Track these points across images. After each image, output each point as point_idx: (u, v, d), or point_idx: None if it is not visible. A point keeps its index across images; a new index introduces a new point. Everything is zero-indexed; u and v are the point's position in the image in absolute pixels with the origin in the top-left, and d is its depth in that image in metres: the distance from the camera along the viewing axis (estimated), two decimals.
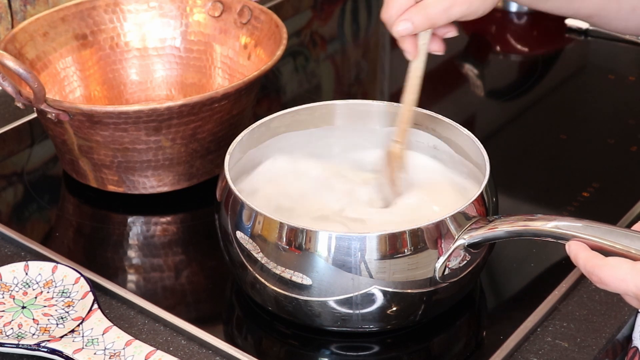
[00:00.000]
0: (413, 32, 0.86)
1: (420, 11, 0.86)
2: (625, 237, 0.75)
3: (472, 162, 0.92)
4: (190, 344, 0.87)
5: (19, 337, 0.85)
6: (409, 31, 0.86)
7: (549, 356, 0.85)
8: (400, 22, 0.86)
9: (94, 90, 1.16)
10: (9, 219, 1.03)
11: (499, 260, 0.96)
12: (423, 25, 0.86)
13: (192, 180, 1.06)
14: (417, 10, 0.86)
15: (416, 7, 0.86)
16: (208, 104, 0.99)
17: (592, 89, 1.29)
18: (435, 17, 0.86)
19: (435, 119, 0.94)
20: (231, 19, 1.16)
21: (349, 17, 1.50)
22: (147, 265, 0.98)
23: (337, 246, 0.80)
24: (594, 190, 1.06)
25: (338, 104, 0.97)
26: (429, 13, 0.86)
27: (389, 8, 0.87)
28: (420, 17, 0.86)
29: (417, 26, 0.86)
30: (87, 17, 1.16)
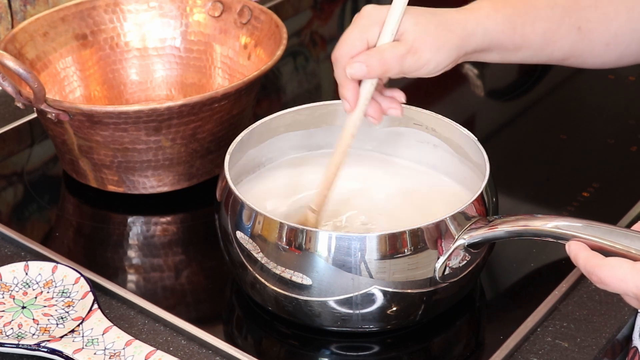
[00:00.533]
0: (366, 76, 0.83)
1: (375, 54, 0.83)
2: (625, 237, 0.75)
3: (472, 162, 0.92)
4: (190, 344, 0.87)
5: (19, 337, 0.85)
6: (362, 74, 0.83)
7: (549, 356, 0.85)
8: (355, 64, 0.83)
9: (94, 90, 1.16)
10: (9, 219, 1.03)
11: (499, 260, 0.96)
12: (377, 70, 0.83)
13: (192, 180, 1.06)
14: (372, 54, 0.83)
15: (371, 50, 0.83)
16: (208, 104, 0.99)
17: (592, 89, 1.29)
18: (390, 64, 0.83)
19: (435, 119, 0.94)
20: (231, 19, 1.16)
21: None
22: (147, 265, 0.98)
23: (337, 246, 0.80)
24: (594, 190, 1.06)
25: (338, 104, 0.97)
26: (385, 58, 0.83)
27: (341, 47, 0.84)
28: (376, 60, 0.83)
29: (371, 70, 0.83)
30: (87, 17, 1.16)
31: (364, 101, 0.85)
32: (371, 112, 0.86)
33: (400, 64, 0.84)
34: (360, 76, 0.84)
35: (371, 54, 0.83)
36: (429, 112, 0.95)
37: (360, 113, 0.85)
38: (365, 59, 0.83)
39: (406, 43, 0.83)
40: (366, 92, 0.85)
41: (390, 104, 0.87)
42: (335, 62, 0.85)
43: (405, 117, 0.96)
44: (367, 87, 0.84)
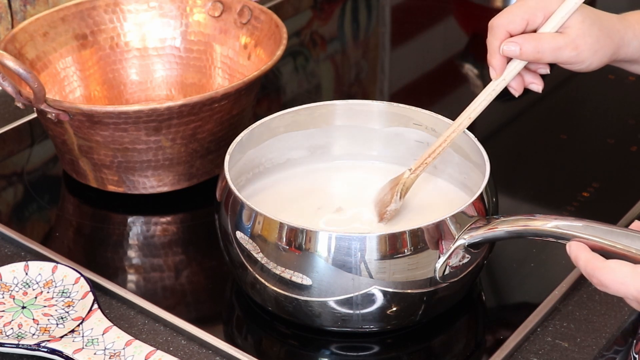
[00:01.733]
0: (518, 57, 0.86)
1: (532, 41, 0.85)
2: (625, 237, 0.75)
3: (472, 162, 0.92)
4: (190, 344, 0.87)
5: (19, 337, 0.85)
6: (514, 54, 0.86)
7: (549, 356, 0.85)
8: (510, 43, 0.85)
9: (94, 90, 1.16)
10: (9, 219, 1.03)
11: (499, 260, 0.96)
12: (530, 56, 0.85)
13: (192, 180, 1.06)
14: (530, 39, 0.85)
15: (530, 35, 0.85)
16: (208, 104, 0.99)
17: (592, 89, 1.29)
18: (545, 52, 0.85)
19: (435, 119, 0.94)
20: (231, 19, 1.16)
21: (349, 17, 1.50)
22: (147, 265, 0.98)
23: (337, 246, 0.80)
24: (594, 190, 1.06)
25: (338, 104, 0.97)
26: (541, 46, 0.85)
27: (501, 18, 0.86)
28: (532, 46, 0.85)
29: (524, 54, 0.85)
30: (87, 17, 1.16)
31: (509, 75, 0.87)
32: (513, 84, 0.88)
33: (555, 55, 0.86)
34: (512, 56, 0.86)
35: (529, 39, 0.85)
36: (429, 112, 0.95)
37: (503, 84, 0.88)
38: (522, 41, 0.85)
39: (568, 37, 0.86)
40: (513, 68, 0.87)
41: (533, 79, 0.89)
42: (491, 29, 0.87)
43: (405, 117, 0.96)
44: (515, 64, 0.87)
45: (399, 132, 0.97)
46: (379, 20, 1.51)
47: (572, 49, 0.86)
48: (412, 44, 1.45)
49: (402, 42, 1.46)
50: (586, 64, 0.88)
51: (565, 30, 0.86)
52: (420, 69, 1.37)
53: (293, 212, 0.93)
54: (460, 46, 1.39)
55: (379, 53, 1.43)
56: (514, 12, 0.86)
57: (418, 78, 1.35)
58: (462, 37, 1.43)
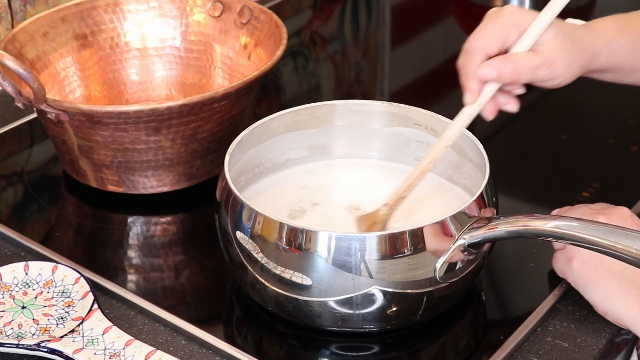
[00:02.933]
0: (496, 80, 0.84)
1: (509, 63, 0.83)
2: (625, 237, 0.75)
3: (472, 162, 0.92)
4: (190, 344, 0.87)
5: (19, 337, 0.85)
6: (491, 78, 0.83)
7: (549, 356, 0.85)
8: (487, 67, 0.83)
9: (94, 90, 1.17)
10: (9, 219, 1.03)
11: (499, 260, 0.96)
12: (508, 78, 0.83)
13: (192, 180, 1.06)
14: (507, 61, 0.83)
15: (506, 58, 0.83)
16: (208, 104, 0.99)
17: (592, 89, 1.29)
18: (523, 73, 0.83)
19: (435, 119, 0.94)
20: (231, 19, 1.16)
21: (349, 17, 1.50)
22: (147, 265, 0.98)
23: (337, 246, 0.80)
24: (594, 190, 1.06)
25: (338, 104, 0.97)
26: (518, 67, 0.83)
27: (476, 40, 0.84)
28: (509, 69, 0.83)
29: (502, 76, 0.83)
30: (87, 17, 1.16)
31: (485, 99, 0.85)
32: (488, 107, 0.86)
33: (533, 75, 0.84)
34: (490, 80, 0.84)
35: (506, 62, 0.83)
36: (429, 112, 0.95)
37: (478, 108, 0.85)
38: (499, 64, 0.83)
39: (542, 55, 0.84)
40: (489, 91, 0.85)
41: (507, 99, 0.87)
42: (467, 52, 0.85)
43: (405, 117, 0.96)
44: (491, 87, 0.85)
45: (399, 132, 0.97)
46: (379, 20, 1.51)
47: (547, 67, 0.84)
48: (412, 44, 1.45)
49: (402, 42, 1.46)
50: (560, 79, 0.86)
51: (539, 48, 0.84)
52: (420, 69, 1.37)
53: (293, 211, 0.93)
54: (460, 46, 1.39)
55: (379, 53, 1.43)
56: (489, 33, 0.84)
57: (418, 78, 1.35)
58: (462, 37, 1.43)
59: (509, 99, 0.87)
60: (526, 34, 0.84)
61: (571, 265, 0.86)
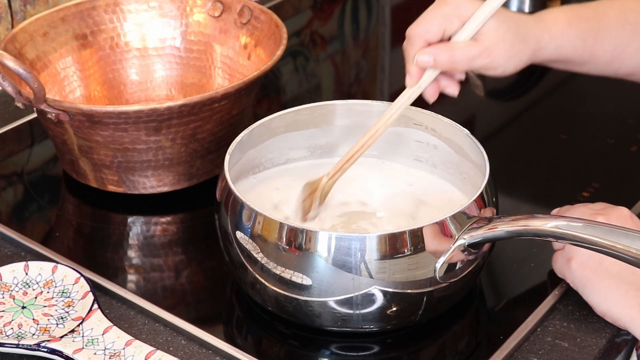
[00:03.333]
0: (432, 67, 0.86)
1: (446, 51, 0.85)
2: (625, 237, 0.75)
3: (472, 162, 0.92)
4: (190, 344, 0.87)
5: (19, 337, 0.85)
6: (428, 65, 0.85)
7: (549, 356, 0.85)
8: (424, 54, 0.85)
9: (94, 90, 1.17)
10: (9, 219, 1.03)
11: (499, 260, 0.96)
12: (444, 66, 0.85)
13: (192, 180, 1.06)
14: (444, 49, 0.85)
15: (444, 45, 0.85)
16: (208, 104, 0.99)
17: (592, 89, 1.29)
18: (459, 62, 0.85)
19: (435, 119, 0.94)
20: (231, 19, 1.16)
21: (349, 17, 1.50)
22: (147, 265, 0.98)
23: (337, 246, 0.80)
24: (594, 190, 1.06)
25: (338, 104, 0.97)
26: (455, 56, 0.85)
27: (418, 27, 0.86)
28: (445, 57, 0.85)
29: (438, 64, 0.85)
30: (87, 17, 1.16)
31: (425, 83, 0.87)
32: (429, 91, 0.88)
33: (470, 64, 0.86)
34: (427, 67, 0.86)
35: (442, 49, 0.85)
36: (429, 112, 0.95)
37: (418, 91, 0.87)
38: (435, 52, 0.85)
39: (482, 45, 0.85)
40: (428, 76, 0.87)
41: (448, 82, 0.89)
42: (408, 38, 0.87)
43: (405, 117, 0.96)
44: (431, 72, 0.87)
45: (399, 132, 0.97)
46: (379, 20, 1.51)
47: (486, 57, 0.85)
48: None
49: (402, 42, 1.46)
50: (500, 70, 0.87)
51: (480, 37, 0.85)
52: None
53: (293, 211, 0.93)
54: None
55: (379, 53, 1.43)
56: (430, 21, 0.86)
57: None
58: None
59: (450, 82, 0.89)
60: (468, 23, 0.85)
61: (570, 266, 0.87)
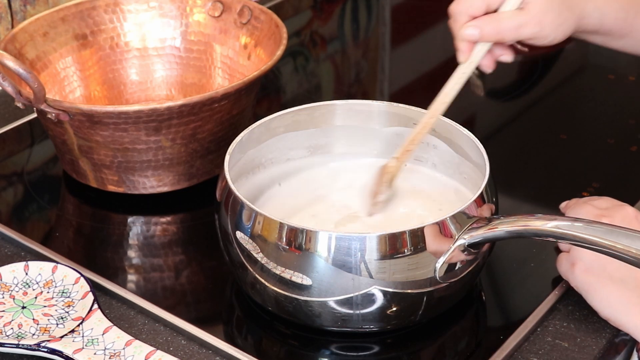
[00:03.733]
0: (478, 40, 0.85)
1: (492, 22, 0.84)
2: (625, 237, 0.75)
3: (472, 162, 0.92)
4: (190, 344, 0.87)
5: (19, 337, 0.85)
6: (474, 38, 0.85)
7: (549, 356, 0.85)
8: (469, 27, 0.84)
9: (94, 90, 1.17)
10: (9, 219, 1.03)
11: (499, 260, 0.96)
12: (491, 37, 0.85)
13: (192, 180, 1.06)
14: (489, 21, 0.84)
15: (489, 17, 0.84)
16: (208, 104, 0.99)
17: (592, 89, 1.29)
18: (506, 32, 0.85)
19: (436, 119, 0.94)
20: (231, 19, 1.16)
21: (349, 17, 1.50)
22: (147, 265, 0.98)
23: (337, 246, 0.80)
24: (594, 190, 1.06)
25: (338, 104, 0.97)
26: (501, 27, 0.84)
27: (460, 3, 0.86)
28: (491, 28, 0.84)
29: (484, 36, 0.84)
30: (87, 17, 1.16)
31: (477, 57, 0.86)
32: (484, 62, 0.88)
33: (517, 33, 0.85)
34: (473, 40, 0.85)
35: (487, 21, 0.84)
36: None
37: (472, 66, 0.87)
38: (481, 24, 0.84)
39: (529, 13, 0.85)
40: (479, 50, 0.86)
41: (502, 50, 0.88)
42: (452, 16, 0.86)
43: (405, 117, 0.96)
44: (481, 46, 0.86)
45: (399, 132, 0.97)
46: (379, 20, 1.51)
47: (535, 25, 0.85)
48: (412, 44, 1.45)
49: (402, 42, 1.46)
50: (550, 38, 0.87)
51: (526, 7, 0.85)
52: (420, 69, 1.37)
53: (293, 212, 0.93)
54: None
55: (379, 53, 1.43)
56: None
57: (418, 78, 1.35)
58: None
59: (504, 50, 0.88)
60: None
61: (574, 271, 0.86)
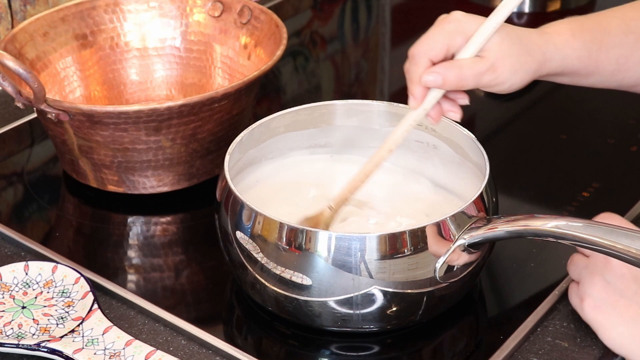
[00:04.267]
0: (440, 87, 0.83)
1: (453, 69, 0.82)
2: (625, 237, 0.75)
3: (472, 162, 0.92)
4: (190, 344, 0.87)
5: (19, 337, 0.85)
6: (436, 85, 0.83)
7: (549, 356, 0.85)
8: (432, 74, 0.82)
9: (94, 90, 1.17)
10: (9, 219, 1.03)
11: (499, 260, 0.96)
12: (452, 84, 0.83)
13: (192, 180, 1.06)
14: (451, 67, 0.83)
15: (450, 64, 0.83)
16: (208, 104, 0.99)
17: (592, 89, 1.29)
18: (467, 80, 0.83)
19: None
20: (231, 19, 1.16)
21: (349, 17, 1.50)
22: (147, 265, 0.98)
23: (337, 246, 0.80)
24: (594, 190, 1.06)
25: (338, 104, 0.97)
26: (463, 74, 0.83)
27: (421, 45, 0.84)
28: (453, 75, 0.82)
29: (446, 83, 0.83)
30: (87, 17, 1.16)
31: (429, 105, 0.84)
32: (432, 113, 0.86)
33: (477, 80, 0.84)
34: (434, 86, 0.83)
35: (450, 68, 0.83)
36: None
37: (423, 113, 0.85)
38: (443, 71, 0.82)
39: (487, 61, 0.83)
40: (433, 97, 0.84)
41: (450, 107, 0.86)
42: (412, 58, 0.84)
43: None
44: (435, 93, 0.84)
45: None
46: (379, 20, 1.51)
47: (492, 72, 0.83)
48: (412, 44, 1.45)
49: (402, 42, 1.46)
50: (507, 85, 0.85)
51: (484, 54, 0.83)
52: None
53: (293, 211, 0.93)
54: None
55: (379, 53, 1.43)
56: (434, 39, 0.84)
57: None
58: None
59: (453, 107, 0.86)
60: (472, 40, 0.83)
61: (583, 307, 0.85)
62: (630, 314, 0.82)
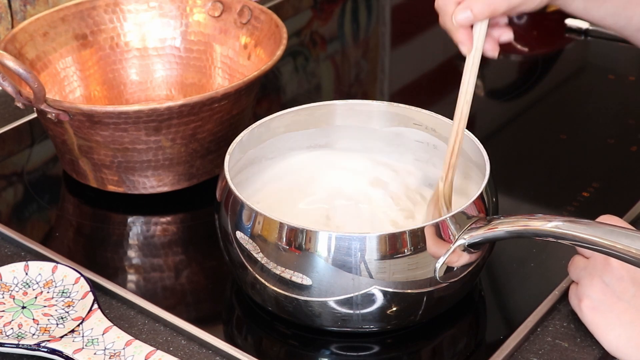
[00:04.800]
0: (473, 21, 0.82)
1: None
2: (625, 237, 0.75)
3: (472, 162, 0.92)
4: (190, 344, 0.87)
5: (19, 337, 0.85)
6: (468, 20, 0.82)
7: (549, 356, 0.85)
8: (460, 11, 0.82)
9: (94, 90, 1.17)
10: (9, 219, 1.03)
11: (499, 260, 0.96)
12: (483, 14, 0.82)
13: (192, 180, 1.06)
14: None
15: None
16: (208, 104, 0.99)
17: (592, 89, 1.29)
18: (497, 4, 0.82)
19: (435, 119, 0.94)
20: (231, 19, 1.16)
21: (349, 17, 1.50)
22: (147, 265, 0.98)
23: (337, 246, 0.80)
24: (594, 190, 1.06)
25: (338, 104, 0.97)
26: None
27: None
28: (480, 4, 0.82)
29: (477, 14, 0.82)
30: (87, 17, 1.16)
31: (479, 42, 0.84)
32: (487, 46, 0.85)
33: (508, 3, 0.83)
34: (468, 22, 0.83)
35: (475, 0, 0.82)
36: (429, 112, 0.95)
37: (479, 52, 0.84)
38: (469, 4, 0.82)
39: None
40: (478, 33, 0.84)
41: (501, 31, 0.86)
42: (439, 10, 0.84)
43: (405, 117, 0.96)
44: (478, 28, 0.84)
45: (399, 132, 0.97)
46: (379, 20, 1.51)
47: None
48: (412, 44, 1.45)
49: (402, 42, 1.46)
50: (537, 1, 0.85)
51: None
52: (420, 69, 1.37)
53: (293, 211, 0.93)
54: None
55: (379, 53, 1.43)
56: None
57: (418, 78, 1.35)
58: None
59: (503, 29, 0.86)
60: None
61: (581, 308, 0.85)
62: (627, 317, 0.83)
